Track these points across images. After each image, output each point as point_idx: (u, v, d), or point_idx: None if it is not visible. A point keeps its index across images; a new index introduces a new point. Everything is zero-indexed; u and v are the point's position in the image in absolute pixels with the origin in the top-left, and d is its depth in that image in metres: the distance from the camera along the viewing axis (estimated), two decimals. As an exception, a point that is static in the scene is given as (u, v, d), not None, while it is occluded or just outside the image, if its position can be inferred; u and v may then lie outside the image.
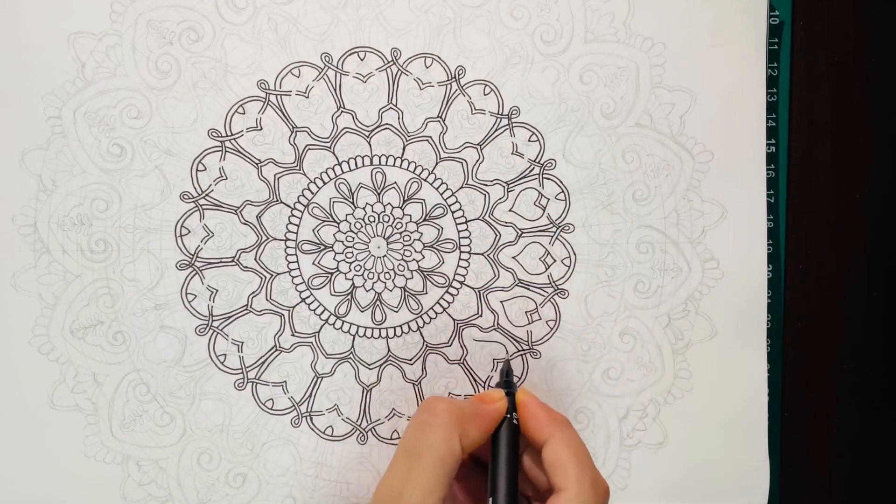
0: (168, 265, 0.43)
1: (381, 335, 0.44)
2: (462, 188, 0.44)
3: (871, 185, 0.46)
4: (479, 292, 0.44)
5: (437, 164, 0.43)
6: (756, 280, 0.45)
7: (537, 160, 0.44)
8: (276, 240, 0.43)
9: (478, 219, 0.44)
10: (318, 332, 0.44)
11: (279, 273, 0.44)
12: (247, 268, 0.43)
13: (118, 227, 0.43)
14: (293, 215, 0.43)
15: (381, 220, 0.44)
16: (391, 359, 0.44)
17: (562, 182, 0.44)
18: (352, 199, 0.44)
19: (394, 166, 0.43)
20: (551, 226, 0.44)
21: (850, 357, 0.47)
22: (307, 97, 0.43)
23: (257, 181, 0.43)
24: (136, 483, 0.44)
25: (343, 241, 0.44)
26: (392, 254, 0.44)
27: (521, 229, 0.44)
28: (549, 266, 0.44)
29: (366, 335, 0.44)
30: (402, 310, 0.44)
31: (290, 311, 0.44)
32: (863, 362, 0.47)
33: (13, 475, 0.43)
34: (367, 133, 0.43)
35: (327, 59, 0.43)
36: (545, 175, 0.44)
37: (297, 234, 0.43)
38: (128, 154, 0.42)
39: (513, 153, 0.44)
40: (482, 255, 0.44)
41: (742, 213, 0.44)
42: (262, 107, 0.43)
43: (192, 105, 0.42)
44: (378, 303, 0.44)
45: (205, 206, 0.43)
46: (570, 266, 0.44)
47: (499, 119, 0.43)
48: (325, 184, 0.43)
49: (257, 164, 0.43)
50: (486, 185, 0.44)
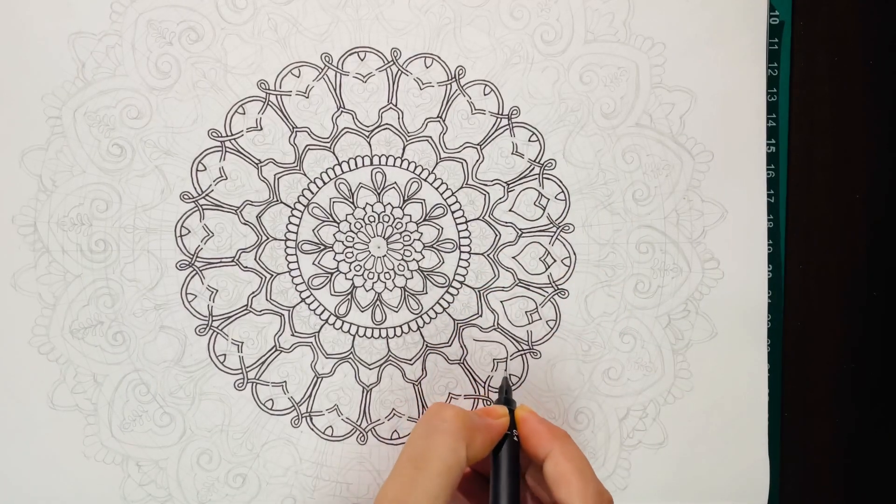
0: (168, 265, 0.43)
1: (381, 335, 0.44)
2: (462, 188, 0.44)
3: (871, 185, 0.46)
4: (479, 292, 0.44)
5: (437, 164, 0.43)
6: (756, 280, 0.45)
7: (537, 160, 0.44)
8: (276, 240, 0.43)
9: (478, 219, 0.44)
10: (318, 332, 0.44)
11: (279, 273, 0.44)
12: (247, 268, 0.43)
13: (118, 228, 0.43)
14: (293, 215, 0.43)
15: (381, 220, 0.44)
16: (391, 359, 0.44)
17: (562, 182, 0.44)
18: (352, 199, 0.44)
19: (394, 166, 0.43)
20: (551, 226, 0.44)
21: (850, 357, 0.47)
22: (307, 97, 0.43)
23: (257, 181, 0.43)
24: (136, 483, 0.44)
25: (343, 241, 0.44)
26: (392, 254, 0.44)
27: (521, 229, 0.44)
28: (549, 266, 0.44)
29: (366, 335, 0.44)
30: (402, 310, 0.44)
31: (290, 311, 0.44)
32: (863, 362, 0.47)
33: (13, 475, 0.43)
34: (367, 133, 0.43)
35: (327, 59, 0.43)
36: (545, 175, 0.44)
37: (297, 234, 0.43)
38: (128, 154, 0.42)
39: (513, 153, 0.44)
40: (482, 255, 0.44)
41: (742, 213, 0.44)
42: (262, 107, 0.43)
43: (192, 105, 0.42)
44: (378, 303, 0.44)
45: (205, 206, 0.43)
46: (570, 266, 0.44)
47: (499, 119, 0.43)
48: (325, 184, 0.43)
49: (257, 164, 0.43)
50: (486, 185, 0.44)
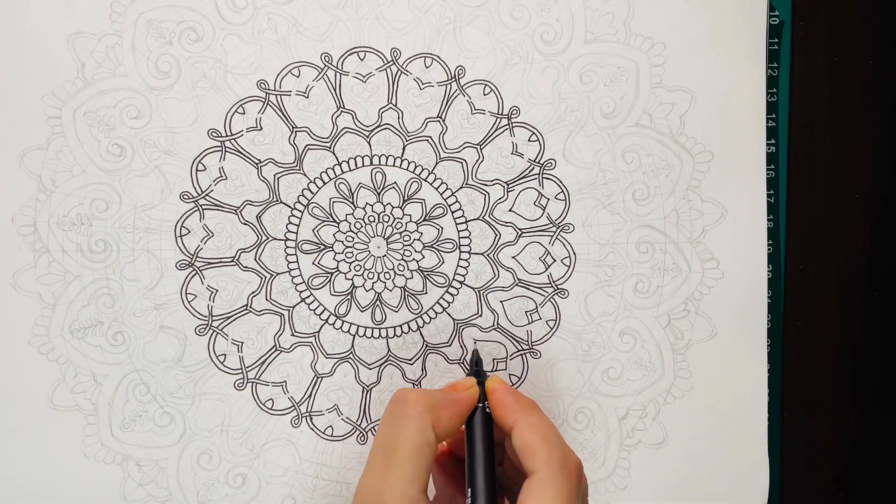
0: (168, 265, 0.43)
1: (381, 335, 0.44)
2: (462, 188, 0.44)
3: (871, 185, 0.46)
4: (479, 292, 0.44)
5: (437, 164, 0.43)
6: (756, 280, 0.45)
7: (537, 160, 0.44)
8: (275, 240, 0.43)
9: (478, 219, 0.44)
10: (318, 332, 0.44)
11: (279, 273, 0.44)
12: (247, 268, 0.43)
13: (118, 228, 0.43)
14: (293, 215, 0.43)
15: (381, 220, 0.44)
16: (391, 359, 0.44)
17: (562, 182, 0.44)
18: (352, 199, 0.44)
19: (394, 166, 0.43)
20: (551, 226, 0.44)
21: (850, 357, 0.47)
22: (307, 97, 0.43)
23: (257, 181, 0.43)
24: (136, 483, 0.44)
25: (343, 241, 0.44)
26: (392, 254, 0.44)
27: (520, 229, 0.44)
28: (549, 266, 0.44)
29: (366, 335, 0.44)
30: (402, 310, 0.44)
31: (289, 311, 0.44)
32: (862, 362, 0.47)
33: (13, 475, 0.43)
34: (367, 133, 0.43)
35: (327, 59, 0.43)
36: (545, 175, 0.44)
37: (296, 233, 0.43)
38: (127, 154, 0.42)
39: (513, 153, 0.44)
40: (482, 254, 0.44)
41: (742, 213, 0.44)
42: (262, 107, 0.43)
43: (191, 105, 0.42)
44: (378, 303, 0.44)
45: (205, 206, 0.43)
46: (569, 266, 0.44)
47: (499, 119, 0.43)
48: (325, 184, 0.43)
49: (257, 164, 0.43)
50: (486, 185, 0.44)
